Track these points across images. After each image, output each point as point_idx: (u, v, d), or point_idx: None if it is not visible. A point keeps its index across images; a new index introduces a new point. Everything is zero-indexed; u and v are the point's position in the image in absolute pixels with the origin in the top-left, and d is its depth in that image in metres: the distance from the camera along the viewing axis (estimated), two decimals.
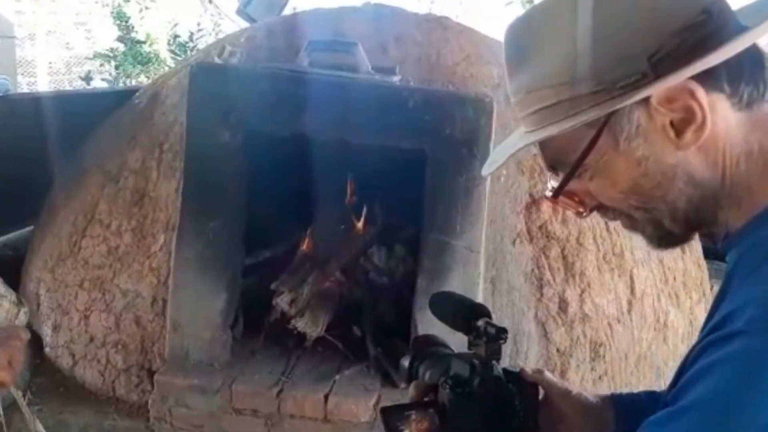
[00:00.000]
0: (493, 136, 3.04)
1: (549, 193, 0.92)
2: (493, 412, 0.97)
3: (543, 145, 0.90)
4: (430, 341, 1.14)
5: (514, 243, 3.27)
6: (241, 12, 5.48)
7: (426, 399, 1.03)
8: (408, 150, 3.15)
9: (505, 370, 1.00)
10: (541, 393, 1.06)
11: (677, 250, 3.72)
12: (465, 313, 1.04)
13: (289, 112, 3.07)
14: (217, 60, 3.28)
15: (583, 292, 3.28)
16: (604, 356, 3.30)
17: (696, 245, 3.83)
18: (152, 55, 9.31)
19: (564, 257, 3.29)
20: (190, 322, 3.16)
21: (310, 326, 3.34)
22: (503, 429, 0.98)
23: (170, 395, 3.04)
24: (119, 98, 4.09)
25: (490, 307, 1.08)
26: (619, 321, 3.34)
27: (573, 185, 0.89)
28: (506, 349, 2.90)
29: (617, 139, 0.83)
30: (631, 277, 3.41)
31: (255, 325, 3.44)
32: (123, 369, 3.29)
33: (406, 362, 1.10)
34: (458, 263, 3.09)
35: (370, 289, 3.70)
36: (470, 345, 1.01)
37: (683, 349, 3.61)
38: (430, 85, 3.46)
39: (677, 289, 3.62)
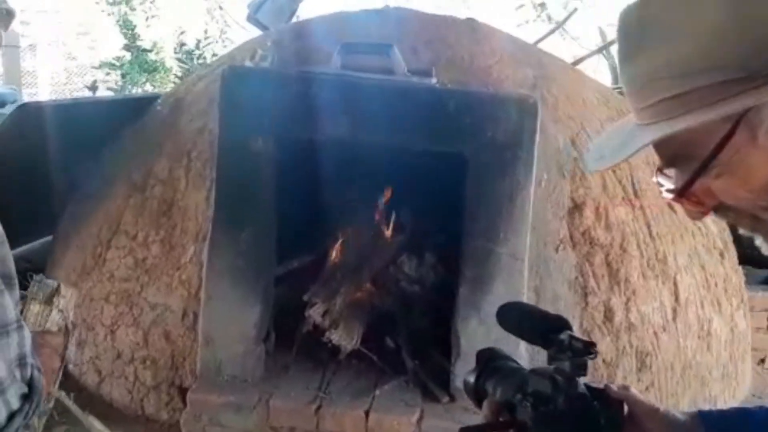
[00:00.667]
0: (537, 138, 2.94)
1: (669, 195, 0.85)
2: (578, 431, 0.90)
3: (664, 139, 0.81)
4: (495, 355, 1.08)
5: (557, 250, 3.16)
6: (252, 18, 5.40)
7: (501, 419, 0.97)
8: (441, 153, 3.04)
9: (588, 386, 0.93)
10: (626, 410, 1.00)
11: (716, 255, 3.62)
12: (546, 326, 0.96)
13: (324, 116, 2.96)
14: (248, 64, 3.17)
15: (628, 300, 3.16)
16: (650, 366, 3.18)
17: (732, 249, 3.73)
18: (158, 64, 9.23)
19: (608, 264, 3.17)
20: (222, 336, 3.04)
21: (345, 338, 3.22)
22: None
23: (204, 413, 2.92)
24: (138, 106, 3.97)
25: None
26: (664, 329, 3.23)
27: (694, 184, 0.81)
28: None
29: (755, 132, 0.74)
30: (675, 284, 3.30)
31: (286, 337, 3.32)
32: (152, 386, 3.16)
33: (471, 378, 1.06)
34: (502, 271, 2.97)
35: (401, 299, 3.59)
36: (551, 359, 0.94)
37: (726, 357, 3.50)
38: (467, 87, 3.35)
39: (719, 295, 3.51)
